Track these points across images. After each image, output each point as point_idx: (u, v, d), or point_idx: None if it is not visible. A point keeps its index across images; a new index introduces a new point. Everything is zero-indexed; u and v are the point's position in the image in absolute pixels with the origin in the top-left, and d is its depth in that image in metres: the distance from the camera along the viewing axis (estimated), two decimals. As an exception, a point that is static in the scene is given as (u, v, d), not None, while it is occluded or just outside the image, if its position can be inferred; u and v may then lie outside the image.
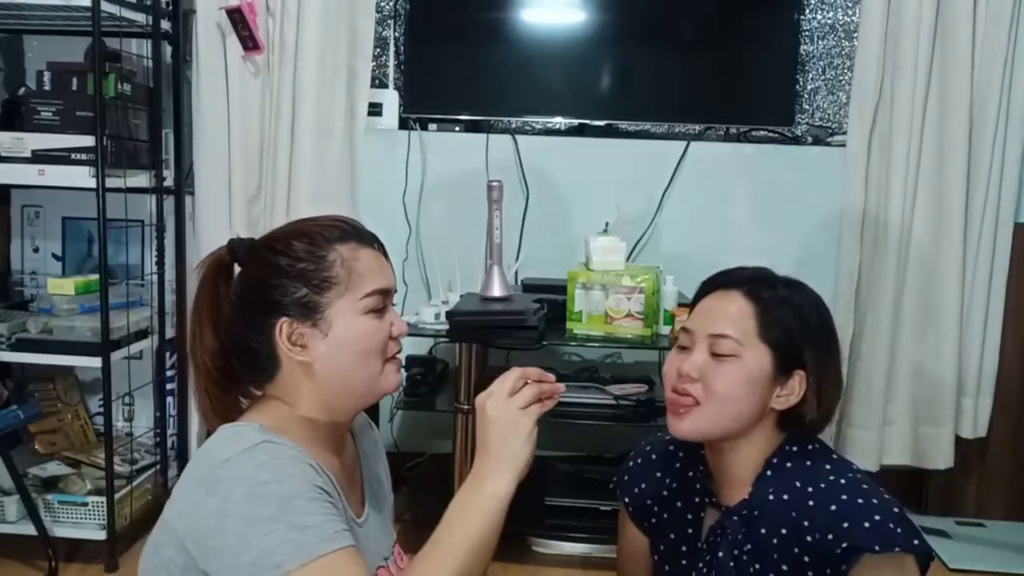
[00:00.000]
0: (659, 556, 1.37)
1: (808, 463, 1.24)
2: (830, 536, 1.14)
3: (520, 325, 2.41)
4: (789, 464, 1.25)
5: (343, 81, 2.77)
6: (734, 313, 1.24)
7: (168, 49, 2.75)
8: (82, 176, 2.37)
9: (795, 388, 1.23)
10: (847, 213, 2.78)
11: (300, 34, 2.70)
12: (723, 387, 1.21)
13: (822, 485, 1.19)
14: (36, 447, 2.67)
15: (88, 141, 2.36)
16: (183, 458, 2.89)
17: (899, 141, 2.68)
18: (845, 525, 1.14)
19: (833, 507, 1.16)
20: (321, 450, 1.15)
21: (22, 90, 2.67)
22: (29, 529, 2.42)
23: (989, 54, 2.65)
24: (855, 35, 2.79)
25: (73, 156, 2.38)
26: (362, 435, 1.33)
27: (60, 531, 2.47)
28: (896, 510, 1.17)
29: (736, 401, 1.21)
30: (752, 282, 1.27)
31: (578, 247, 2.68)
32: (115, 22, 2.42)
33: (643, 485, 1.40)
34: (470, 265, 2.76)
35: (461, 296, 2.65)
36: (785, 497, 1.21)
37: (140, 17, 2.57)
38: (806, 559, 1.17)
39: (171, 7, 2.70)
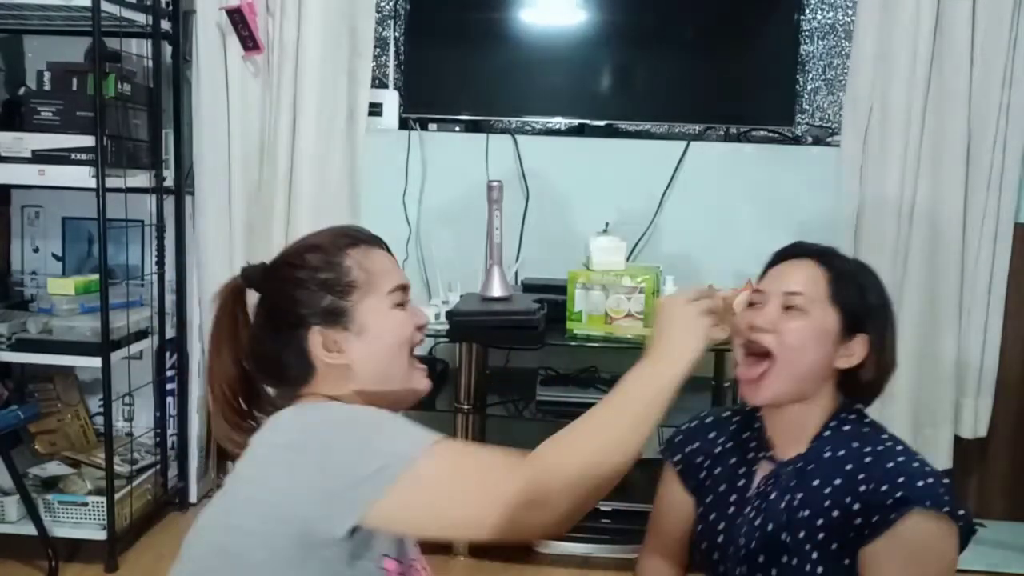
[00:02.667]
0: (704, 509, 1.43)
1: (865, 429, 1.33)
2: (884, 487, 1.22)
3: (520, 325, 2.42)
4: (847, 427, 1.33)
5: (344, 81, 2.77)
6: (807, 275, 1.33)
7: (168, 49, 2.75)
8: (82, 176, 2.37)
9: (856, 350, 1.32)
10: (845, 213, 2.78)
11: (301, 34, 2.70)
12: (794, 338, 1.29)
13: (879, 448, 1.28)
14: (36, 447, 2.67)
15: (88, 141, 2.36)
16: (183, 458, 2.90)
17: (896, 141, 2.68)
18: (900, 480, 1.23)
19: (890, 464, 1.25)
20: None
21: (22, 90, 2.68)
22: (29, 529, 2.42)
23: (989, 53, 2.64)
24: (853, 35, 2.79)
25: (73, 156, 2.38)
26: None
27: (60, 531, 2.47)
28: (947, 481, 1.25)
29: (805, 352, 1.29)
30: (824, 253, 1.37)
31: (578, 247, 2.68)
32: (115, 22, 2.42)
33: (696, 445, 1.49)
34: (470, 265, 2.76)
35: (461, 296, 2.65)
36: (841, 454, 1.30)
37: (140, 17, 2.57)
38: (856, 507, 1.24)
39: (171, 7, 2.70)
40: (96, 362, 2.43)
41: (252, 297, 1.24)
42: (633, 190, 2.90)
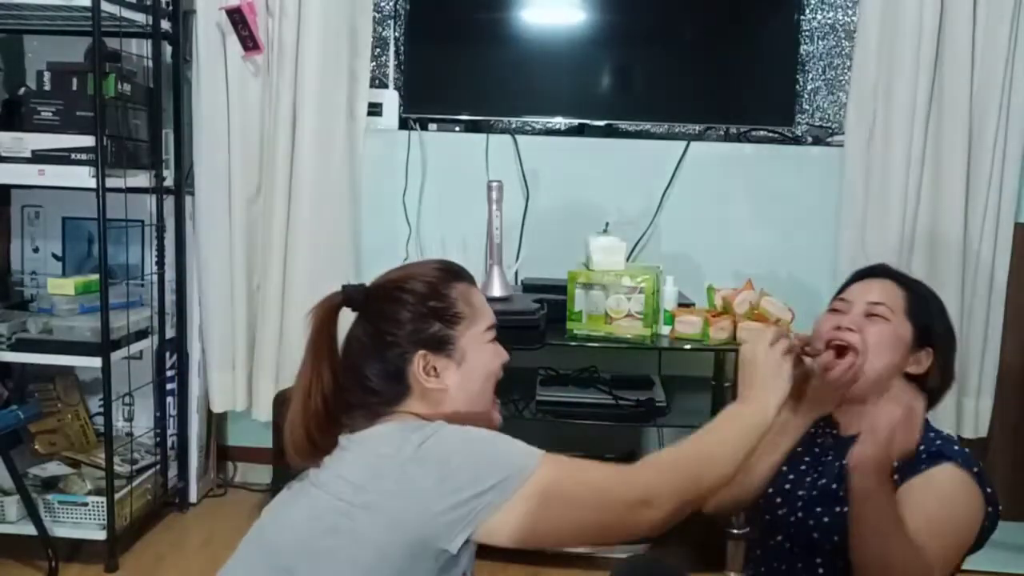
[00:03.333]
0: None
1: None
2: (922, 447, 1.39)
3: (520, 325, 2.41)
4: None
5: (344, 81, 2.77)
6: (889, 291, 1.52)
7: (168, 49, 2.75)
8: (82, 176, 2.37)
9: (923, 360, 1.50)
10: (845, 213, 2.78)
11: (301, 35, 2.70)
12: (877, 339, 1.46)
13: (931, 434, 1.46)
14: (36, 447, 2.67)
15: (88, 141, 2.36)
16: (183, 458, 2.90)
17: (898, 141, 2.69)
18: (939, 443, 1.43)
19: (932, 434, 1.45)
20: None
21: (22, 90, 2.67)
22: (29, 529, 2.42)
23: (990, 54, 2.65)
24: (855, 35, 2.79)
25: (73, 156, 2.38)
26: None
27: (60, 531, 2.47)
28: (981, 464, 1.43)
29: (883, 351, 1.46)
30: (901, 276, 1.57)
31: (578, 247, 2.68)
32: (115, 22, 2.42)
33: None
34: (470, 265, 2.75)
35: (461, 296, 2.65)
36: None
37: (140, 17, 2.57)
38: (896, 463, 1.37)
39: (171, 7, 2.71)
40: (96, 362, 2.43)
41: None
42: (633, 190, 2.90)
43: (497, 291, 2.49)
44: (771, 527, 1.54)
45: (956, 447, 1.44)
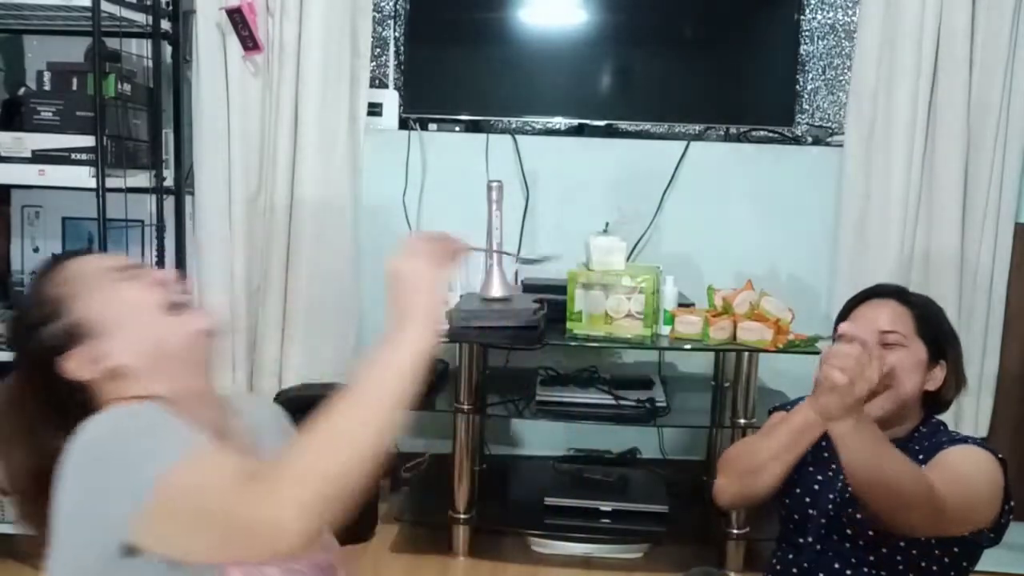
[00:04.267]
0: (798, 471, 1.55)
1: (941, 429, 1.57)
2: (944, 439, 1.48)
3: (520, 325, 2.41)
4: (928, 431, 1.55)
5: (346, 81, 2.77)
6: (895, 314, 1.51)
7: (168, 49, 2.75)
8: (82, 176, 2.37)
9: (938, 375, 1.53)
10: (845, 213, 2.78)
11: (303, 35, 2.70)
12: (900, 367, 1.46)
13: (954, 433, 1.54)
14: (36, 447, 2.67)
15: (88, 141, 2.36)
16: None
17: (898, 141, 2.69)
18: (963, 436, 1.50)
19: (956, 434, 1.52)
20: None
21: (22, 90, 2.67)
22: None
23: (990, 54, 2.65)
24: (855, 35, 2.79)
25: (73, 156, 2.38)
26: (252, 411, 1.31)
27: (60, 531, 2.47)
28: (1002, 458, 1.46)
29: (908, 380, 1.48)
30: (901, 292, 1.57)
31: (578, 247, 2.68)
32: (115, 22, 2.42)
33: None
34: (470, 265, 2.76)
35: (461, 296, 2.65)
36: (919, 446, 1.51)
37: (140, 17, 2.56)
38: (921, 456, 1.44)
39: (171, 7, 2.70)
40: (96, 362, 2.42)
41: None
42: (633, 190, 2.90)
43: (497, 291, 2.50)
44: (800, 528, 1.54)
45: (977, 442, 1.49)
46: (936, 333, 1.53)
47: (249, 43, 2.67)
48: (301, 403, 1.50)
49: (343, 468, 0.94)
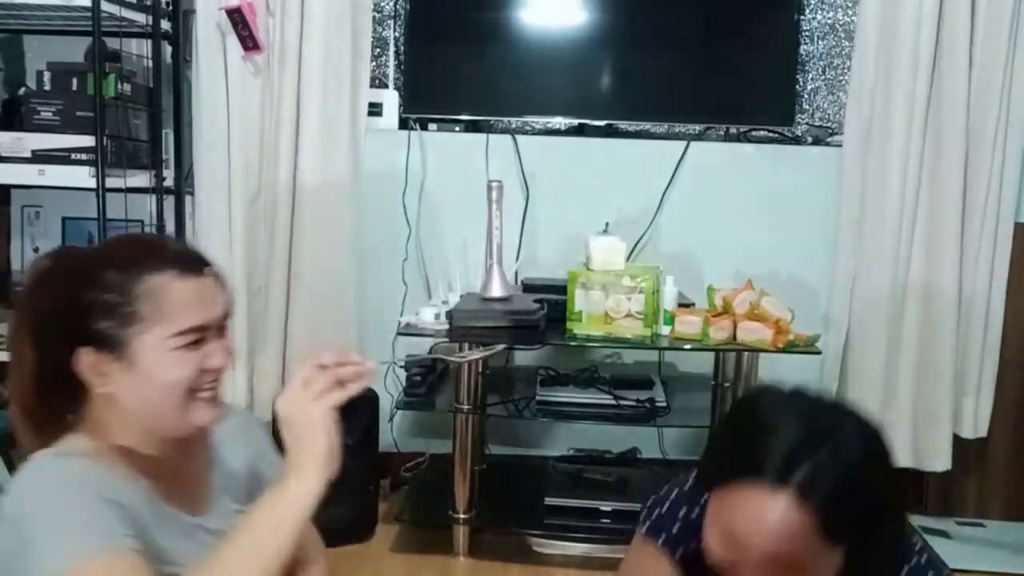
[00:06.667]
0: None
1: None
2: None
3: (520, 325, 2.42)
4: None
5: (347, 81, 2.77)
6: (791, 532, 0.95)
7: (168, 49, 2.75)
8: (82, 176, 2.37)
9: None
10: (845, 213, 2.78)
11: (304, 35, 2.70)
12: None
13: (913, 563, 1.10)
14: (36, 447, 2.67)
15: (88, 141, 2.36)
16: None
17: (897, 141, 2.69)
18: None
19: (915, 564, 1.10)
20: (139, 468, 1.12)
21: (22, 90, 2.67)
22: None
23: (989, 53, 2.65)
24: (855, 35, 2.79)
25: (73, 156, 2.38)
26: (229, 436, 1.30)
27: (60, 531, 2.46)
28: None
29: None
30: (794, 469, 0.96)
31: (578, 247, 2.68)
32: (115, 22, 2.42)
33: (692, 545, 1.18)
34: (470, 265, 2.76)
35: (461, 296, 2.65)
36: None
37: (140, 17, 2.56)
38: None
39: (171, 7, 2.70)
40: (96, 362, 2.42)
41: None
42: (633, 190, 2.90)
43: (497, 291, 2.50)
44: None
45: None
46: (857, 518, 0.98)
47: (249, 43, 2.67)
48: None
49: None
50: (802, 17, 2.96)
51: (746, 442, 1.02)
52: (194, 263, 1.14)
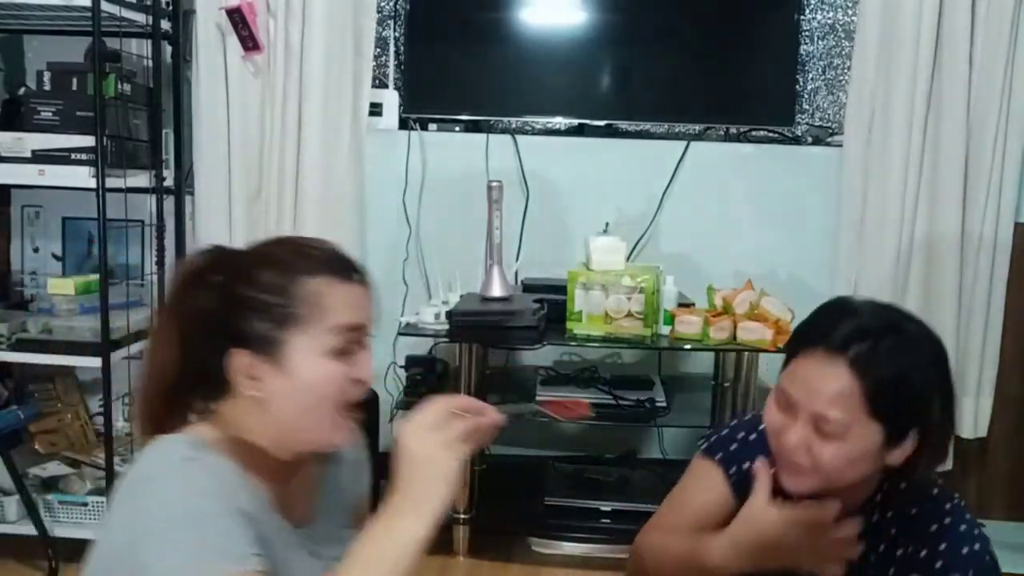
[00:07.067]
0: None
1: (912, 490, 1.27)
2: (943, 548, 1.27)
3: (520, 325, 2.41)
4: (889, 514, 1.28)
5: (349, 81, 2.77)
6: (837, 392, 1.12)
7: (168, 49, 2.75)
8: (82, 176, 2.37)
9: (906, 448, 1.18)
10: (845, 213, 2.78)
11: (305, 35, 2.70)
12: (831, 466, 1.15)
13: (959, 530, 1.29)
14: (36, 447, 2.67)
15: (88, 141, 2.36)
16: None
17: (897, 141, 2.69)
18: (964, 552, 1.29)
19: (961, 532, 1.29)
20: (258, 470, 1.10)
21: (22, 90, 2.67)
22: (29, 529, 2.42)
23: (989, 53, 2.65)
24: (855, 35, 2.79)
25: (73, 156, 2.38)
26: (347, 466, 1.29)
27: (60, 531, 2.47)
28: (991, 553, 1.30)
29: (844, 474, 1.17)
30: (857, 344, 1.13)
31: (578, 247, 2.68)
32: (115, 22, 2.42)
33: (746, 465, 1.33)
34: (470, 265, 2.76)
35: (461, 296, 2.65)
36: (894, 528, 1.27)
37: (140, 17, 2.56)
38: (884, 547, 1.25)
39: (171, 7, 2.70)
40: (96, 362, 2.43)
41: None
42: (633, 190, 2.90)
43: (497, 291, 2.50)
44: None
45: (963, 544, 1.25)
46: (903, 408, 1.15)
47: (249, 43, 2.67)
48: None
49: None
50: (802, 17, 2.96)
51: (824, 318, 1.20)
52: (348, 268, 1.12)
